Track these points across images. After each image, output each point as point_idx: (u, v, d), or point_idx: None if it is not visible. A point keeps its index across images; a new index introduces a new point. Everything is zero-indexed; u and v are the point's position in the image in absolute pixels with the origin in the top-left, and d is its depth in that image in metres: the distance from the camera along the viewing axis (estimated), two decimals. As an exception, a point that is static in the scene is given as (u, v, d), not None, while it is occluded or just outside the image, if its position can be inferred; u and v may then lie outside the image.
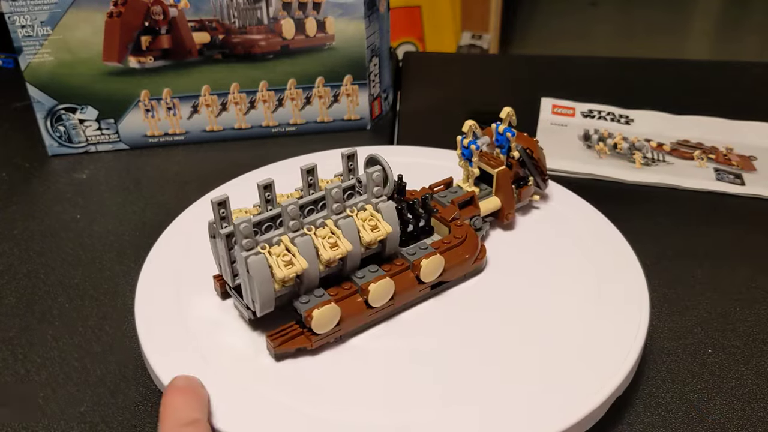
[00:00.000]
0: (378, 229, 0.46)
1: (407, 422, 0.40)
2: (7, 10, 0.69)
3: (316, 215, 0.46)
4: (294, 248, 0.43)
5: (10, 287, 0.58)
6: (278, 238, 0.44)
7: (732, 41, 2.59)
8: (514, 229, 0.56)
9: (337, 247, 0.44)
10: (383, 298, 0.46)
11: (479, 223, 0.53)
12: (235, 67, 0.75)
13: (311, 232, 0.45)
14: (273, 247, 0.43)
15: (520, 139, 0.57)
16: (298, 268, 0.43)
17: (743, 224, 0.65)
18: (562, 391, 0.42)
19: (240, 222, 0.42)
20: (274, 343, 0.44)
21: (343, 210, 0.46)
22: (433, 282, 0.48)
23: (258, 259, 0.42)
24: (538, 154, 0.57)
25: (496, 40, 2.19)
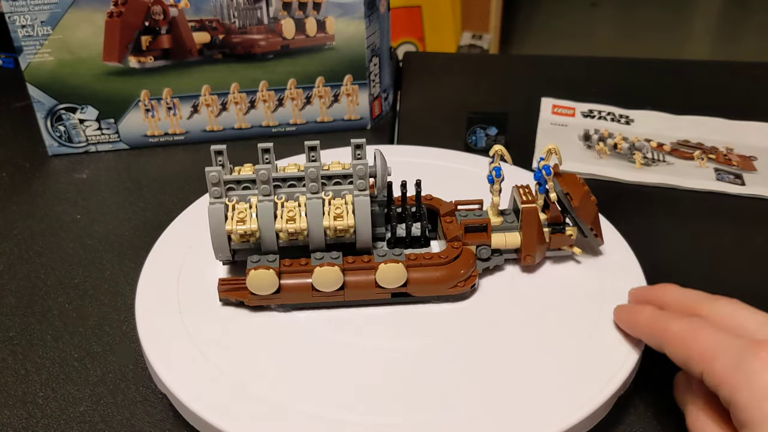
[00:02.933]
0: (340, 219, 0.47)
1: (407, 422, 0.40)
2: (7, 10, 0.69)
3: (296, 189, 0.48)
4: (253, 210, 0.47)
5: (10, 287, 0.58)
6: (249, 198, 0.47)
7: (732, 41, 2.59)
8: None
9: (293, 222, 0.47)
10: (329, 285, 0.47)
11: (485, 254, 0.50)
12: (235, 67, 0.75)
13: (279, 201, 0.47)
14: (239, 204, 0.47)
15: (565, 181, 0.51)
16: (248, 228, 0.46)
17: (743, 224, 0.65)
18: (562, 391, 0.42)
19: (209, 171, 0.46)
20: (220, 288, 0.47)
21: (318, 191, 0.47)
22: (394, 290, 0.47)
23: (216, 207, 0.46)
24: (580, 202, 0.50)
25: (496, 40, 2.19)
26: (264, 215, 0.47)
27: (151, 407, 0.47)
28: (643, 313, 0.42)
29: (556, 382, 0.43)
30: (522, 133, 0.78)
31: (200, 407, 0.41)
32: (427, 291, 0.48)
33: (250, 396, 0.42)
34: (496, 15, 2.14)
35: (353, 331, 0.47)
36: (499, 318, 0.48)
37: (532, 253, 0.50)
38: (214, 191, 0.46)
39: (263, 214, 0.47)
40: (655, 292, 0.45)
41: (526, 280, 0.51)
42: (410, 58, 0.99)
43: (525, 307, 0.49)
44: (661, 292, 0.45)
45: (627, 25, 2.69)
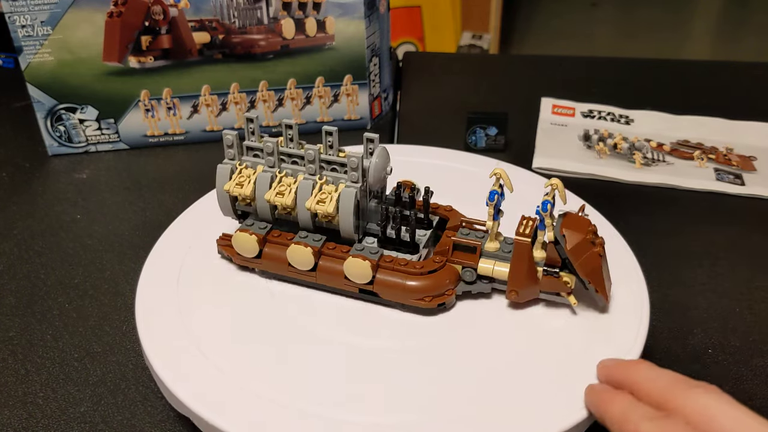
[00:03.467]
0: (322, 204, 0.48)
1: (407, 422, 0.40)
2: (7, 10, 0.69)
3: (298, 167, 0.49)
4: (254, 177, 0.49)
5: (10, 287, 0.58)
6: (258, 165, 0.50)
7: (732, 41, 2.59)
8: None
9: (281, 196, 0.48)
10: (301, 264, 0.48)
11: (469, 276, 0.48)
12: (235, 67, 0.75)
13: (280, 174, 0.49)
14: (247, 169, 0.49)
15: (569, 222, 0.45)
16: (243, 191, 0.49)
17: (743, 224, 0.65)
18: (562, 391, 0.42)
19: (226, 133, 0.48)
20: (218, 242, 0.51)
21: (315, 173, 0.49)
22: (361, 286, 0.47)
23: (223, 167, 0.49)
24: (576, 248, 0.45)
25: (496, 40, 2.19)
26: (261, 184, 0.49)
27: (151, 407, 0.47)
28: (614, 404, 0.38)
29: (554, 383, 0.43)
30: (522, 133, 0.78)
31: (200, 407, 0.41)
32: (393, 296, 0.47)
33: (250, 395, 0.42)
34: (496, 15, 2.14)
35: (353, 332, 0.47)
36: (497, 319, 0.48)
37: (518, 290, 0.47)
38: (228, 152, 0.50)
39: (260, 183, 0.49)
40: (627, 372, 0.40)
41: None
42: (410, 58, 0.99)
43: (524, 307, 0.49)
44: (634, 371, 0.40)
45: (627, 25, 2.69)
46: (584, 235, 0.45)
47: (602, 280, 0.45)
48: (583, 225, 0.45)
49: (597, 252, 0.45)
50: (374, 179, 0.48)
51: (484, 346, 0.46)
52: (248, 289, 0.50)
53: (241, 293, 0.50)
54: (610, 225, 0.56)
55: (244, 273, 0.52)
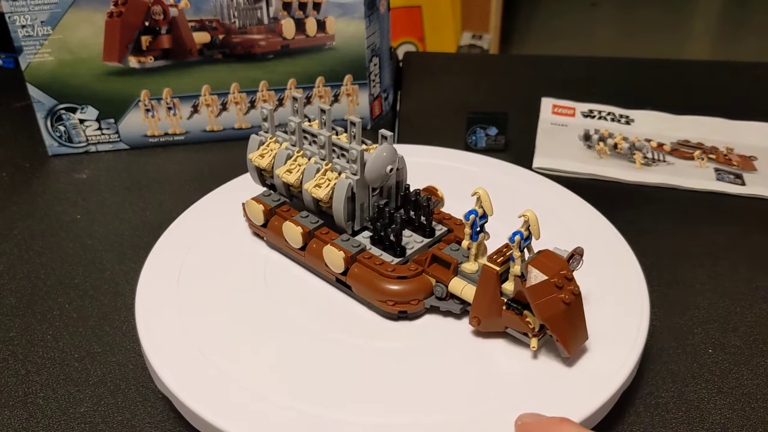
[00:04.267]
0: (318, 189, 0.49)
1: (408, 422, 0.40)
2: (7, 10, 0.69)
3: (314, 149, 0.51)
4: (275, 152, 0.52)
5: (10, 287, 0.58)
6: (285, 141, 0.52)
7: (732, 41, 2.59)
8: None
9: (289, 174, 0.50)
10: (292, 241, 0.50)
11: (439, 292, 0.46)
12: (235, 67, 0.75)
13: (297, 153, 0.51)
14: (274, 144, 0.52)
15: (540, 259, 0.42)
16: (262, 162, 0.52)
17: (743, 224, 0.65)
18: (562, 391, 0.42)
19: (262, 107, 0.52)
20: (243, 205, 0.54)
21: (324, 158, 0.50)
22: (337, 275, 0.48)
23: (254, 138, 0.53)
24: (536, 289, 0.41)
25: (496, 40, 2.19)
26: (278, 159, 0.52)
27: (151, 407, 0.47)
28: None
29: (555, 383, 0.43)
30: (522, 133, 0.78)
31: (200, 407, 0.41)
32: (361, 292, 0.48)
33: (250, 396, 0.42)
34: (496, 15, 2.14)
35: (354, 332, 0.47)
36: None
37: (479, 318, 0.45)
38: (263, 125, 0.53)
39: (278, 158, 0.52)
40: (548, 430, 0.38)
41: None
42: (410, 58, 0.99)
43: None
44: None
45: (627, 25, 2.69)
46: (551, 276, 0.41)
47: (564, 330, 0.41)
48: (555, 266, 0.41)
49: (561, 298, 0.41)
50: (371, 175, 0.48)
51: (484, 345, 0.46)
52: (248, 289, 0.50)
53: (241, 293, 0.50)
54: (611, 225, 0.56)
55: (245, 273, 0.52)
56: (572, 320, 0.42)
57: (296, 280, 0.51)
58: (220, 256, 0.53)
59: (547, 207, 0.58)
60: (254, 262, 0.53)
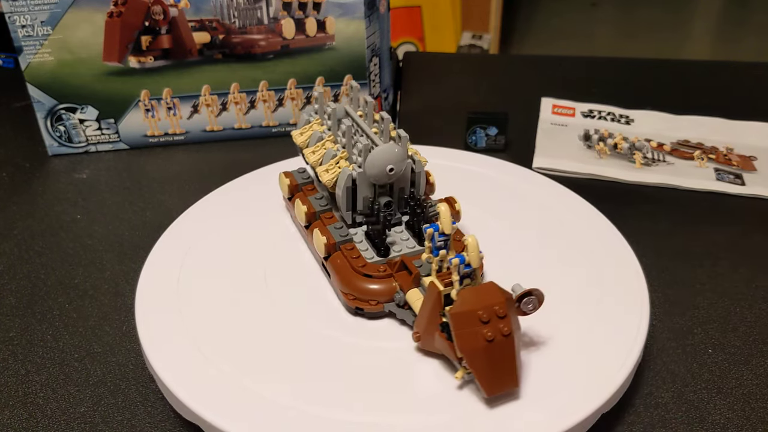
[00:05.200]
0: (326, 173, 0.50)
1: (408, 422, 0.40)
2: (7, 10, 0.69)
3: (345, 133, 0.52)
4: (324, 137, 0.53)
5: (10, 287, 0.58)
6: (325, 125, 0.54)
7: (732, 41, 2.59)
8: (514, 228, 0.56)
9: (312, 154, 0.52)
10: (299, 217, 0.52)
11: (398, 299, 0.46)
12: (235, 67, 0.75)
13: (329, 137, 0.52)
14: (318, 126, 0.54)
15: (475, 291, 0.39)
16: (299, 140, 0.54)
17: (743, 224, 0.65)
18: (562, 391, 0.42)
19: (317, 89, 0.53)
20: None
21: (345, 146, 0.51)
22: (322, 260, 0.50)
23: (302, 118, 0.56)
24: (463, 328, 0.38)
25: (496, 40, 2.19)
26: (312, 140, 0.53)
27: (151, 407, 0.47)
28: None
29: (555, 383, 0.43)
30: (522, 133, 0.78)
31: (200, 407, 0.41)
32: (333, 279, 0.49)
33: (250, 396, 0.42)
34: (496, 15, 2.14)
35: (354, 332, 0.47)
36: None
37: (419, 334, 0.43)
38: (314, 106, 0.55)
39: (312, 139, 0.53)
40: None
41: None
42: (410, 58, 0.99)
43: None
44: None
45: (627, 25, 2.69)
46: (477, 308, 0.38)
47: (481, 367, 0.39)
48: (488, 299, 0.39)
49: (483, 333, 0.38)
50: (369, 170, 0.49)
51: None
52: (248, 289, 0.50)
53: (241, 293, 0.50)
54: (611, 225, 0.56)
55: (245, 273, 0.52)
56: (494, 360, 0.39)
57: (296, 280, 0.51)
58: (220, 256, 0.53)
59: (547, 207, 0.58)
60: (254, 262, 0.53)
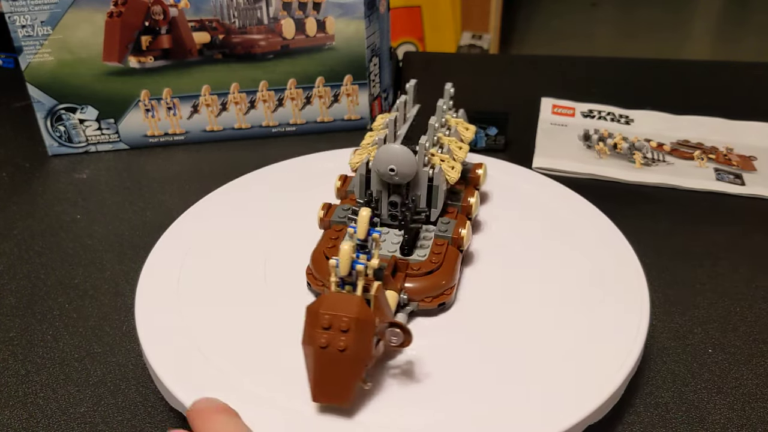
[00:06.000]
0: (355, 156, 0.51)
1: (409, 422, 0.40)
2: (7, 10, 0.69)
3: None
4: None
5: (10, 287, 0.58)
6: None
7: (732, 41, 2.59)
8: (514, 229, 0.56)
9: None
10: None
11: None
12: (235, 67, 0.75)
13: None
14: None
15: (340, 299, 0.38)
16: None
17: (743, 224, 0.65)
18: (562, 391, 0.42)
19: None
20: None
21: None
22: None
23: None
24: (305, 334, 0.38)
25: (496, 40, 2.19)
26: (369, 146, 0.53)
27: (151, 408, 0.47)
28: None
29: (555, 383, 0.43)
30: (522, 133, 0.78)
31: (200, 407, 0.41)
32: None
33: (250, 396, 0.42)
34: (496, 15, 2.14)
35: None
36: (496, 318, 0.48)
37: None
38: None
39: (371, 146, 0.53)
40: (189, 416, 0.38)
41: (523, 280, 0.51)
42: (410, 58, 0.99)
43: (522, 307, 0.49)
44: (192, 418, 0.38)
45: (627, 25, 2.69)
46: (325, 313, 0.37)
47: (311, 369, 0.38)
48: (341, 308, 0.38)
49: (319, 335, 0.37)
50: (375, 167, 0.49)
51: (483, 345, 0.46)
52: (248, 289, 0.50)
53: (241, 293, 0.50)
54: (611, 224, 0.56)
55: (245, 273, 0.52)
56: (324, 368, 0.38)
57: (297, 280, 0.51)
58: (221, 256, 0.53)
59: (548, 206, 0.58)
60: (254, 262, 0.53)
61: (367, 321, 0.38)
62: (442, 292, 0.47)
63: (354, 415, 0.41)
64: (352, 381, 0.38)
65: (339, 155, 0.66)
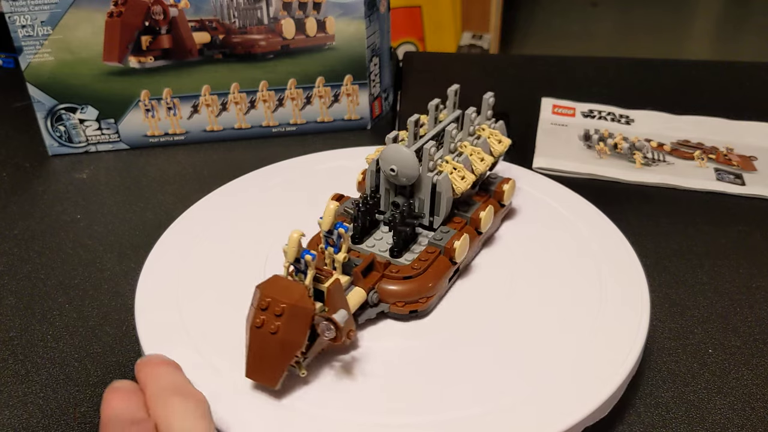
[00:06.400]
0: (374, 153, 0.52)
1: (409, 422, 0.40)
2: (7, 10, 0.69)
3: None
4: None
5: (10, 287, 0.58)
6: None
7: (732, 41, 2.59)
8: (514, 229, 0.56)
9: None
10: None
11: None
12: (235, 67, 0.75)
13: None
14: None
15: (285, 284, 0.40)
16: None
17: (743, 224, 0.65)
18: (562, 391, 0.42)
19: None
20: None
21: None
22: None
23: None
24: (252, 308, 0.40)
25: (496, 40, 2.19)
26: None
27: (151, 407, 0.47)
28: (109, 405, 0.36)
29: (555, 383, 0.43)
30: (522, 133, 0.78)
31: (200, 407, 0.41)
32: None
33: (249, 396, 0.42)
34: (496, 15, 2.14)
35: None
36: (495, 319, 0.48)
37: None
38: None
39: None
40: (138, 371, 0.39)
41: (524, 279, 0.51)
42: (410, 58, 0.99)
43: (522, 307, 0.49)
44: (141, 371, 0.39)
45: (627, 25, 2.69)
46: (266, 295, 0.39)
47: (248, 348, 0.40)
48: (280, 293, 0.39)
49: (258, 315, 0.39)
50: (381, 165, 0.49)
51: (482, 345, 0.46)
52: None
53: (241, 293, 0.50)
54: (612, 224, 0.56)
55: (245, 273, 0.52)
56: (257, 347, 0.40)
57: (296, 280, 0.51)
58: (221, 257, 0.53)
59: (547, 206, 0.58)
60: (254, 262, 0.53)
61: (302, 309, 0.38)
62: (417, 299, 0.46)
63: (354, 414, 0.41)
64: (280, 364, 0.39)
65: (339, 155, 0.66)
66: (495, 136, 0.55)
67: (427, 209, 0.50)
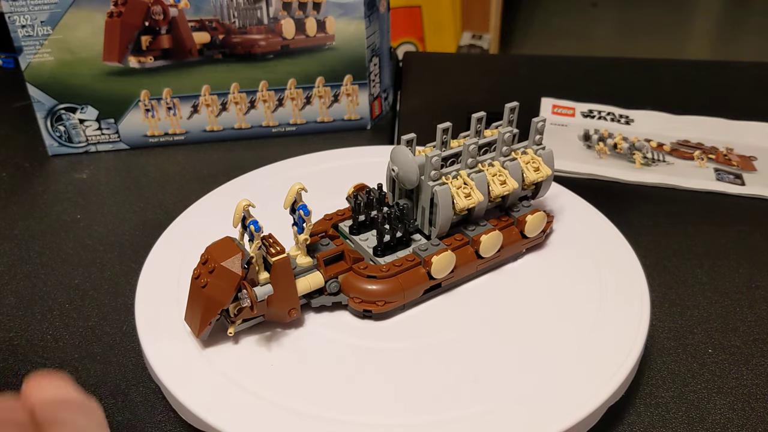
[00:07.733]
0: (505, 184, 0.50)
1: (409, 422, 0.40)
2: (7, 10, 0.69)
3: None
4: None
5: (10, 287, 0.58)
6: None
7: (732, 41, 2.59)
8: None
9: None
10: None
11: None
12: (235, 67, 0.75)
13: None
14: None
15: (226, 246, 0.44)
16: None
17: (743, 224, 0.65)
18: (562, 391, 0.42)
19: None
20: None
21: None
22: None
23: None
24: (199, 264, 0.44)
25: (496, 40, 2.19)
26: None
27: (151, 408, 0.47)
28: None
29: (555, 383, 0.43)
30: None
31: (200, 408, 0.41)
32: None
33: (250, 396, 0.42)
34: (496, 15, 2.13)
35: (353, 331, 0.47)
36: (495, 319, 0.48)
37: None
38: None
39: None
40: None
41: (524, 279, 0.51)
42: (410, 58, 0.99)
43: (525, 308, 0.49)
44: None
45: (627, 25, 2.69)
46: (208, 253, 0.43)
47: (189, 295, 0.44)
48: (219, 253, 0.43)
49: (196, 270, 0.44)
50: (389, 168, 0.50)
51: (482, 345, 0.46)
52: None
53: (241, 293, 0.50)
54: (611, 224, 0.56)
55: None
56: (192, 297, 0.44)
57: (296, 280, 0.51)
58: (220, 256, 0.53)
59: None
60: (254, 262, 0.53)
61: (229, 272, 0.42)
62: (374, 301, 0.46)
63: (354, 415, 0.41)
64: (205, 317, 0.43)
65: (339, 155, 0.66)
66: (533, 163, 0.52)
67: (426, 218, 0.50)
